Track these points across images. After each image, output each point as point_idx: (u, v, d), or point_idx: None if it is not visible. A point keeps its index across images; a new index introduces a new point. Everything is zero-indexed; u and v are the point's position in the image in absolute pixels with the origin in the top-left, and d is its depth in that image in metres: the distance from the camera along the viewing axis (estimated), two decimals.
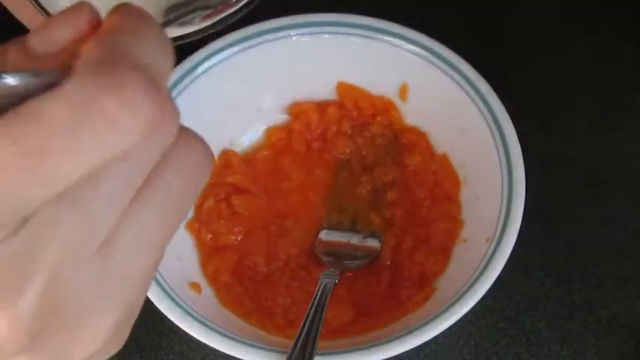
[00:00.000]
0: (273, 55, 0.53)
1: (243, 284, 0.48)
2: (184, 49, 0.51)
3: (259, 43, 0.52)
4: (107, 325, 0.18)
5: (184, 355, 0.48)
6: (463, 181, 0.51)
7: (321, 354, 0.40)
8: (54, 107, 0.15)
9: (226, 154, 0.54)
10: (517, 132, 0.47)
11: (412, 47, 0.51)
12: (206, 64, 0.51)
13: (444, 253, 0.49)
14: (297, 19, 0.53)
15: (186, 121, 0.57)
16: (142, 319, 0.22)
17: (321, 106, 0.55)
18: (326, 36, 0.53)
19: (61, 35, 0.18)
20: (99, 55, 0.16)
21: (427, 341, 0.40)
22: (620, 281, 0.51)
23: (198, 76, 0.51)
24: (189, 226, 0.50)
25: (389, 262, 0.50)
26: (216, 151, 0.54)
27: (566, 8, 0.64)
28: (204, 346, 0.41)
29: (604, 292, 0.50)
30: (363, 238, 0.51)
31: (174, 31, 0.39)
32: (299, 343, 0.40)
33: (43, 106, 0.15)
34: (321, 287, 0.45)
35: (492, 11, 0.64)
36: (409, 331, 0.41)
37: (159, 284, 0.43)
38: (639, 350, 0.48)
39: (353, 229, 0.52)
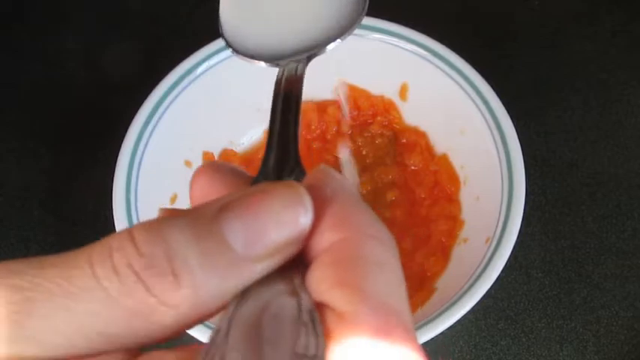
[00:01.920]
0: None
1: None
2: (185, 49, 0.51)
3: None
4: None
5: None
6: (463, 181, 0.51)
7: None
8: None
9: (226, 154, 0.54)
10: (517, 132, 0.47)
11: (412, 47, 0.51)
12: (206, 64, 0.51)
13: (444, 253, 0.49)
14: None
15: (186, 121, 0.57)
16: None
17: (321, 106, 0.55)
18: None
19: (273, 240, 0.16)
20: (372, 323, 0.15)
21: (427, 341, 0.40)
22: (620, 281, 0.51)
23: (198, 76, 0.51)
24: None
25: None
26: (216, 151, 0.54)
27: (567, 8, 0.64)
28: None
29: (604, 292, 0.50)
30: None
31: None
32: None
33: None
34: None
35: (492, 11, 0.64)
36: None
37: None
38: (639, 350, 0.48)
39: None
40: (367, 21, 0.52)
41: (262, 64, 0.27)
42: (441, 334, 0.41)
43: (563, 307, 0.50)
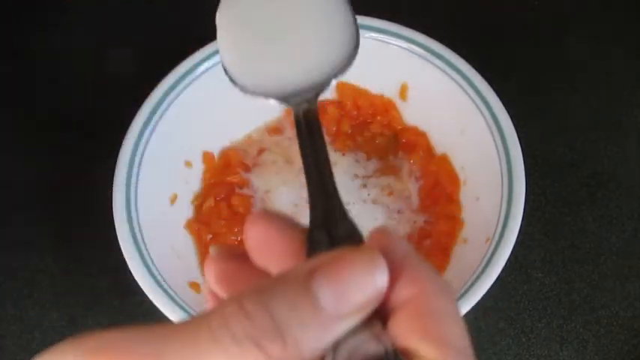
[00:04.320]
0: None
1: None
2: (185, 49, 0.51)
3: None
4: None
5: None
6: (463, 181, 0.51)
7: None
8: None
9: (226, 154, 0.54)
10: (517, 132, 0.47)
11: (412, 47, 0.51)
12: (206, 64, 0.51)
13: (444, 253, 0.49)
14: None
15: (186, 121, 0.56)
16: (142, 319, 0.22)
17: (321, 106, 0.55)
18: None
19: (358, 299, 0.19)
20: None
21: None
22: (620, 281, 0.51)
23: (198, 76, 0.51)
24: (189, 226, 0.50)
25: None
26: (216, 151, 0.54)
27: (567, 8, 0.64)
28: None
29: (604, 292, 0.50)
30: None
31: None
32: None
33: None
34: None
35: (492, 11, 0.64)
36: None
37: (159, 284, 0.43)
38: (639, 350, 0.48)
39: None
40: (367, 21, 0.52)
41: (272, 101, 0.30)
42: None
43: (563, 307, 0.50)
